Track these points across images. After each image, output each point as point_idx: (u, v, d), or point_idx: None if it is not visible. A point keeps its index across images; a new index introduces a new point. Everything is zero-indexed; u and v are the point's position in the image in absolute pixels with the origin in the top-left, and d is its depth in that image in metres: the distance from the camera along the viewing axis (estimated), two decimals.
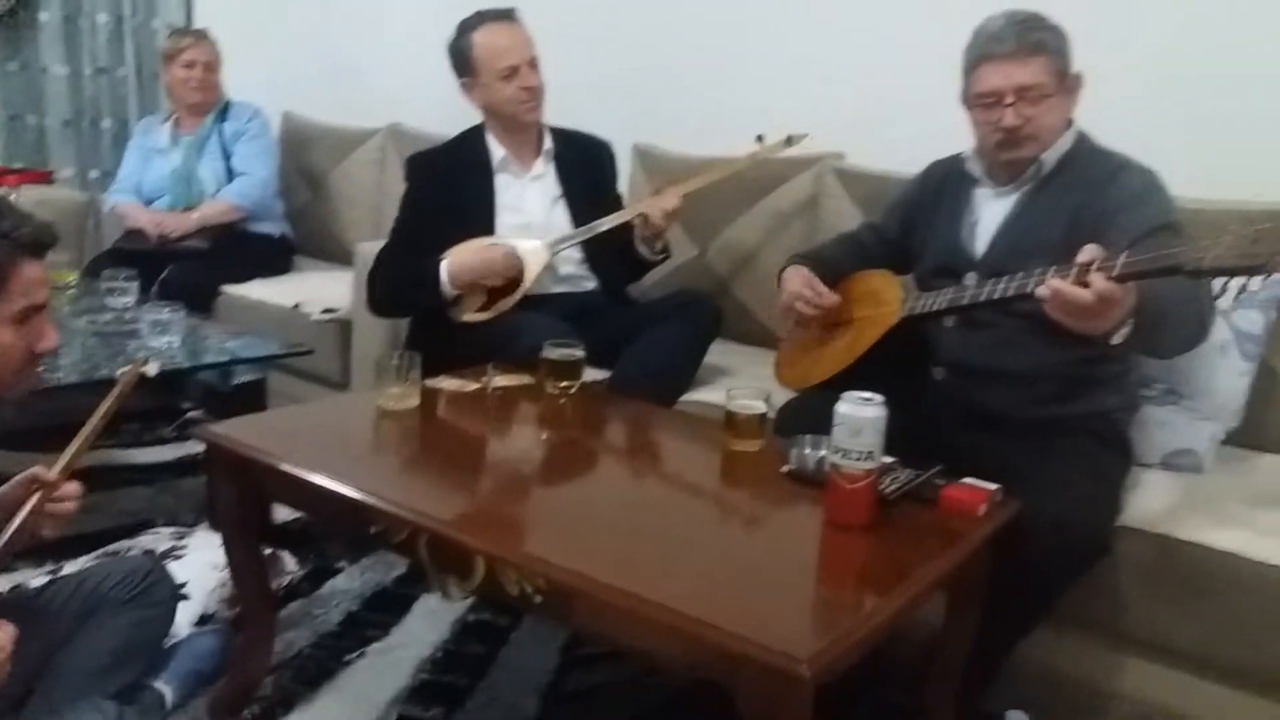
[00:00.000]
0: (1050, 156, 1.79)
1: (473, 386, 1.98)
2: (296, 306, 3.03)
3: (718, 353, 2.37)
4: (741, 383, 2.27)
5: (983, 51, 1.77)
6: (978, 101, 1.80)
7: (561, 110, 2.53)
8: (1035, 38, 1.73)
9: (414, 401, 1.84)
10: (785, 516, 1.55)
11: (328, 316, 2.94)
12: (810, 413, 1.85)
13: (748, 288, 2.69)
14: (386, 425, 1.80)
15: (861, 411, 1.37)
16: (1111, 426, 1.83)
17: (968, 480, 1.54)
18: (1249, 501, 1.77)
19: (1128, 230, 1.62)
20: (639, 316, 2.35)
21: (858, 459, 1.38)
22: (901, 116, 2.53)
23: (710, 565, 1.32)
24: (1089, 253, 1.44)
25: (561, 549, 1.32)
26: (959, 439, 1.75)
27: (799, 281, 2.02)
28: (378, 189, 3.57)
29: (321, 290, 3.11)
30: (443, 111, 2.55)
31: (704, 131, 2.85)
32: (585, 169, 2.53)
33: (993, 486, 1.52)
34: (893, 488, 1.48)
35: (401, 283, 2.37)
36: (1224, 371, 1.95)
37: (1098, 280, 1.39)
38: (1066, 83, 1.76)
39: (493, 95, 2.38)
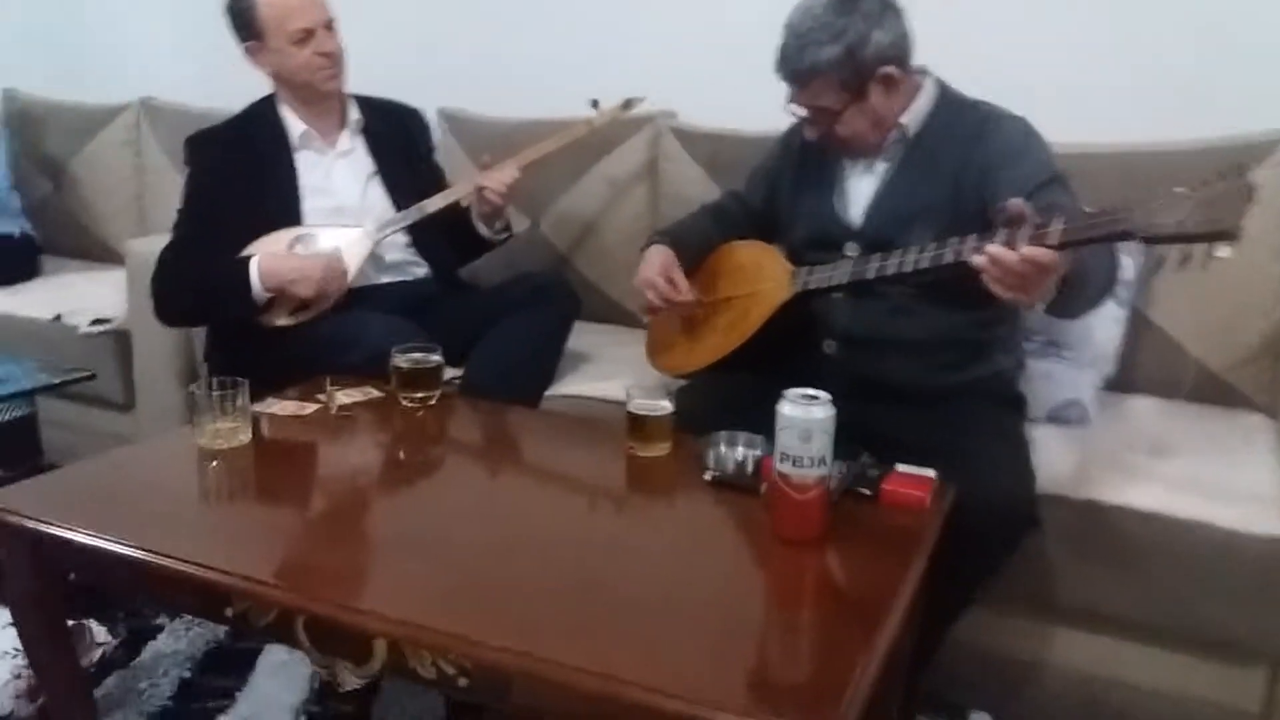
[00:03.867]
0: (912, 121, 1.67)
1: (311, 408, 1.67)
2: (58, 318, 2.55)
3: (570, 337, 2.15)
4: (604, 368, 2.10)
5: (775, 62, 1.65)
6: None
7: (352, 73, 2.19)
8: (809, 60, 1.58)
9: (245, 437, 1.52)
10: (726, 537, 1.35)
11: (99, 329, 2.49)
12: (709, 401, 1.70)
13: (592, 262, 2.48)
14: (216, 471, 1.47)
15: (811, 413, 1.20)
16: (1008, 386, 1.77)
17: (901, 468, 1.42)
18: (1147, 451, 1.74)
19: (1015, 186, 1.51)
20: (486, 305, 2.09)
21: (809, 466, 1.20)
22: (732, 73, 2.34)
23: (664, 617, 1.09)
24: (1015, 206, 1.32)
25: (482, 619, 1.07)
26: (859, 414, 1.61)
27: (656, 267, 1.81)
28: (136, 175, 3.09)
29: (86, 297, 2.63)
30: (205, 83, 2.16)
31: (517, 94, 2.60)
32: (397, 140, 2.23)
33: (930, 473, 1.40)
34: (834, 484, 1.32)
35: (200, 287, 1.99)
36: (1101, 319, 1.92)
37: (1036, 252, 1.28)
38: (871, 85, 1.61)
39: (285, 61, 2.03)
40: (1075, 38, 2.15)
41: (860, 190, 1.74)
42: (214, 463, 1.47)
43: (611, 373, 2.03)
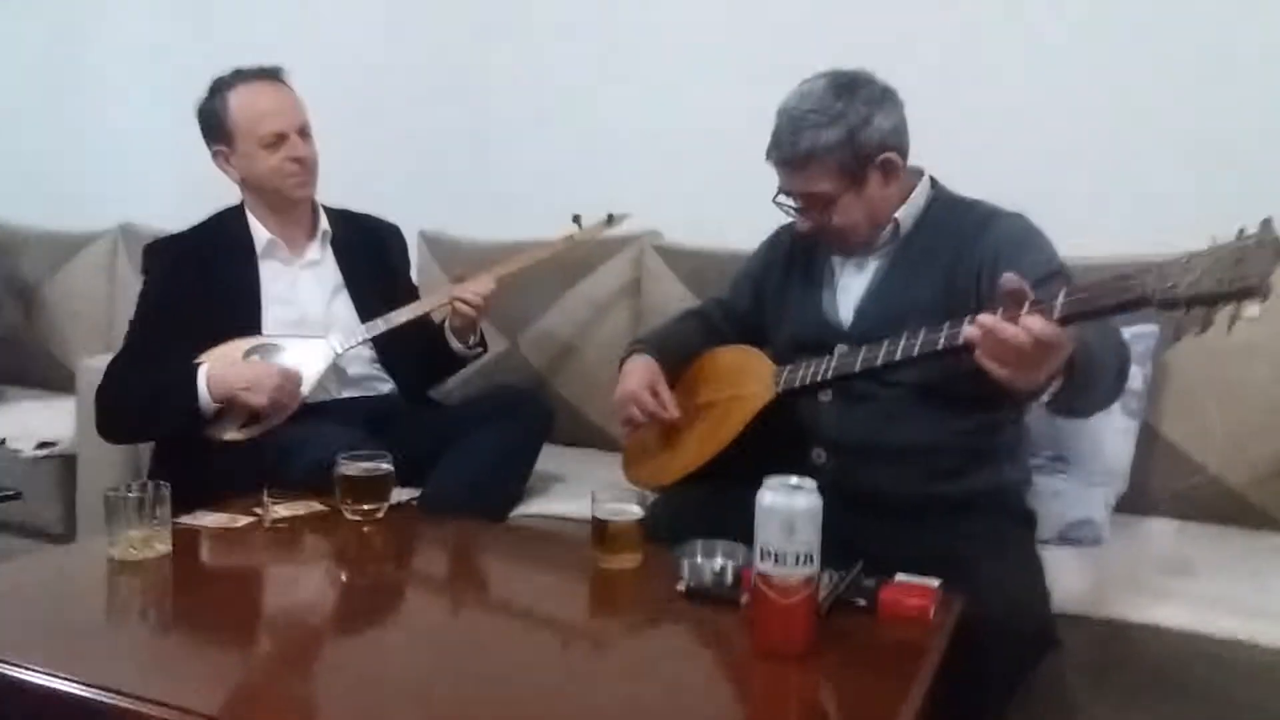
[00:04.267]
0: (906, 216, 1.59)
1: (243, 521, 1.52)
2: (3, 442, 2.40)
3: (542, 458, 2.00)
4: (577, 488, 1.94)
5: (767, 150, 1.58)
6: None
7: (331, 195, 2.14)
8: (806, 144, 1.51)
9: (163, 547, 1.35)
10: (702, 657, 1.18)
11: (44, 452, 2.34)
12: (685, 512, 1.55)
13: (571, 383, 2.37)
14: (126, 585, 1.30)
15: (794, 501, 1.05)
16: (1015, 500, 1.62)
17: (902, 577, 1.25)
18: (1170, 571, 1.59)
19: None
20: (452, 420, 1.96)
21: (795, 564, 1.05)
22: (715, 191, 2.35)
23: None
24: (1012, 282, 1.21)
25: None
26: (851, 529, 1.46)
27: (639, 380, 1.70)
28: (108, 300, 3.01)
29: (36, 422, 2.50)
30: (186, 208, 2.10)
31: (500, 216, 2.56)
32: (370, 254, 2.14)
33: (934, 582, 1.24)
34: (823, 594, 1.16)
35: (144, 397, 1.86)
36: (1110, 431, 1.81)
37: (1035, 322, 1.16)
38: (869, 172, 1.53)
39: (254, 166, 1.97)
40: (1065, 143, 2.11)
41: (851, 290, 1.64)
42: (123, 576, 1.30)
43: (585, 493, 1.88)
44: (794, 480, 1.08)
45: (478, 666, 1.10)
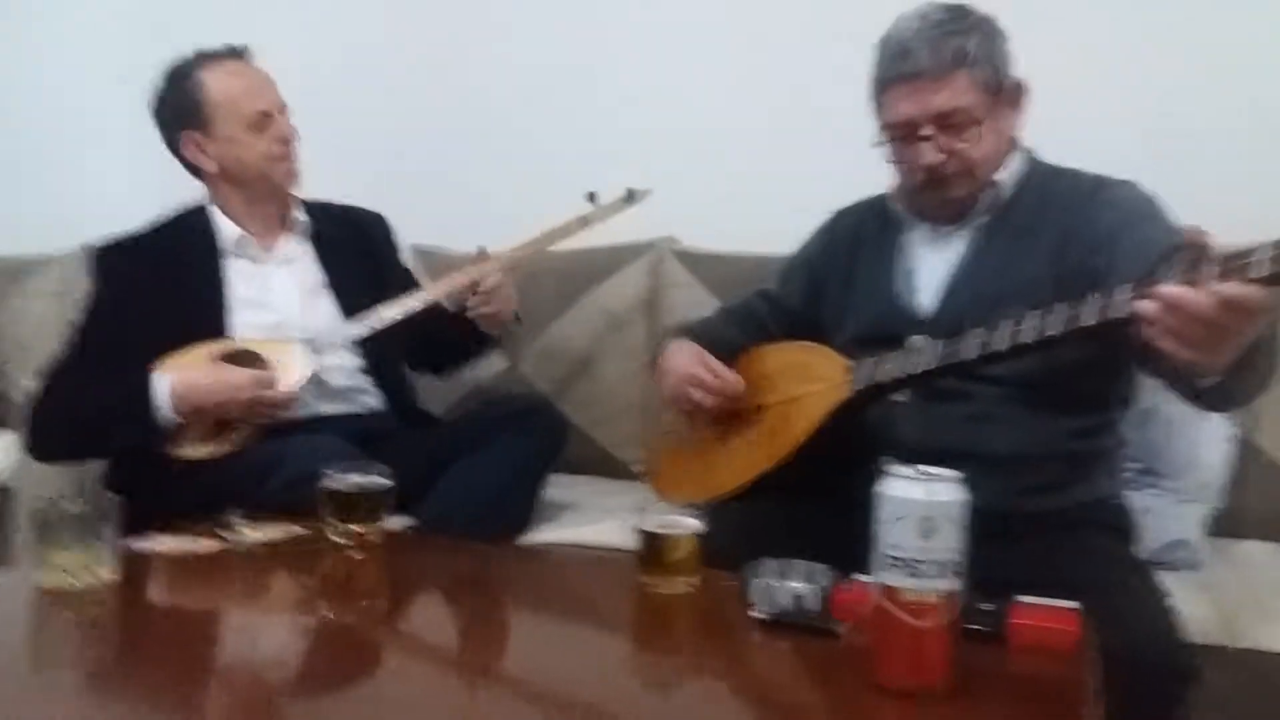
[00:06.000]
0: (1007, 180, 1.39)
1: (207, 546, 1.25)
2: None
3: (548, 486, 1.74)
4: (594, 516, 1.71)
5: (890, 70, 1.36)
6: (889, 134, 1.38)
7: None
8: (954, 46, 1.32)
9: (106, 575, 1.09)
10: (800, 694, 0.93)
11: None
12: (735, 534, 1.29)
13: (581, 407, 2.11)
14: (57, 620, 1.04)
15: (934, 493, 0.82)
16: (1120, 515, 1.41)
17: (1027, 599, 1.01)
18: None
19: (1139, 253, 1.21)
20: (452, 438, 1.71)
21: (933, 576, 0.81)
22: (736, 194, 2.16)
23: None
24: (1195, 235, 0.99)
25: None
26: None
27: (689, 360, 1.48)
28: (65, 328, 2.73)
29: None
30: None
31: (500, 227, 2.33)
32: (353, 246, 1.90)
33: (1071, 604, 1.00)
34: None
35: (89, 409, 1.60)
36: (1205, 440, 1.60)
37: (1232, 285, 0.94)
38: (1003, 96, 1.37)
39: (239, 153, 1.75)
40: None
41: (932, 271, 1.42)
42: (57, 609, 1.04)
43: (602, 521, 1.66)
44: (931, 469, 0.84)
45: None
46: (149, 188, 1.89)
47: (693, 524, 1.12)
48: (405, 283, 1.90)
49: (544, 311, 2.16)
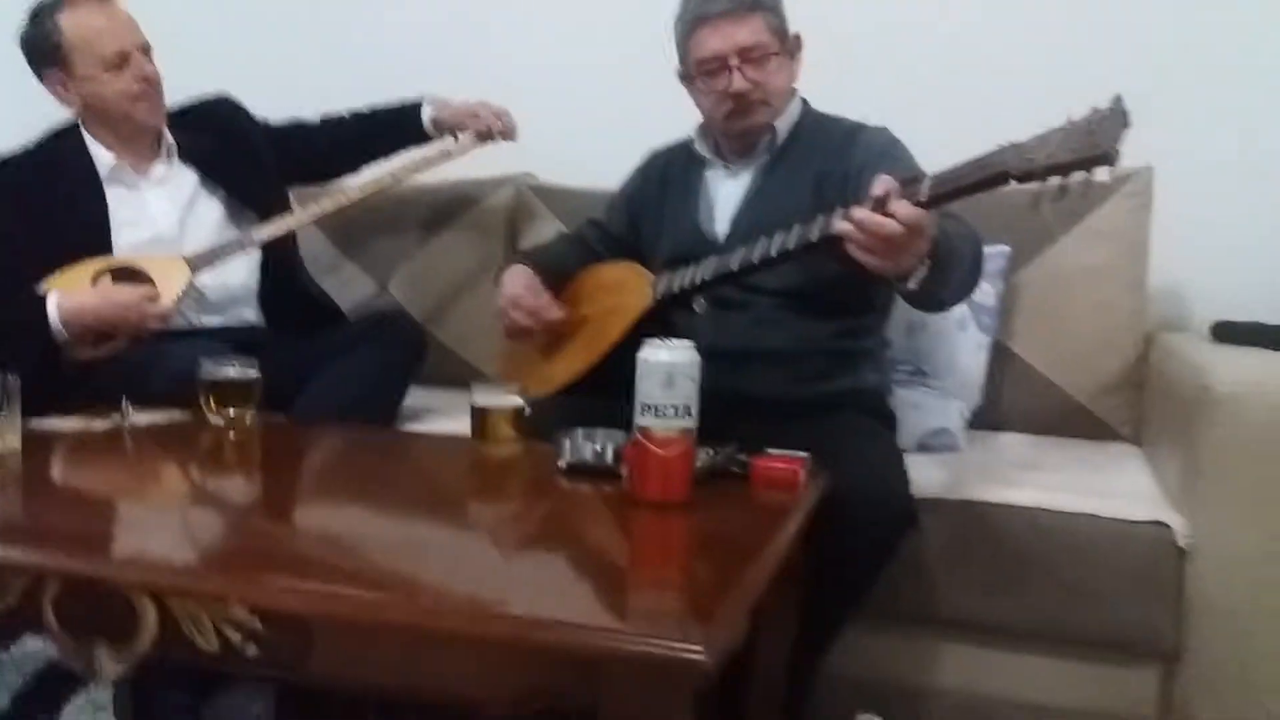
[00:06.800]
0: (783, 126, 1.66)
1: (101, 425, 1.45)
2: None
3: (416, 397, 1.97)
4: (457, 417, 1.92)
5: (696, 13, 1.62)
6: (700, 69, 1.63)
7: None
8: None
9: (13, 443, 1.28)
10: (584, 507, 1.20)
11: None
12: (559, 419, 1.55)
13: (447, 325, 2.33)
14: None
15: (674, 355, 1.08)
16: (877, 402, 1.69)
17: (773, 451, 1.29)
18: (1020, 468, 1.69)
19: None
20: (319, 347, 1.89)
21: (673, 416, 1.07)
22: (587, 131, 2.35)
23: (515, 569, 0.94)
24: (884, 184, 1.27)
25: (273, 567, 0.88)
26: (725, 429, 1.50)
27: (521, 284, 1.72)
28: None
29: None
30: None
31: None
32: (218, 140, 2.02)
33: (802, 455, 1.28)
34: (701, 463, 1.19)
35: None
36: (964, 346, 1.90)
37: (903, 207, 1.22)
38: (788, 44, 1.64)
39: (98, 90, 1.87)
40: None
41: (725, 202, 1.69)
42: None
43: (464, 420, 1.87)
44: (672, 340, 1.10)
45: (377, 527, 1.09)
46: (22, 115, 1.98)
47: (515, 400, 1.36)
48: (275, 141, 2.08)
49: (413, 238, 2.36)
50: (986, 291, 1.88)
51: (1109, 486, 1.56)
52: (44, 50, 1.87)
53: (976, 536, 1.51)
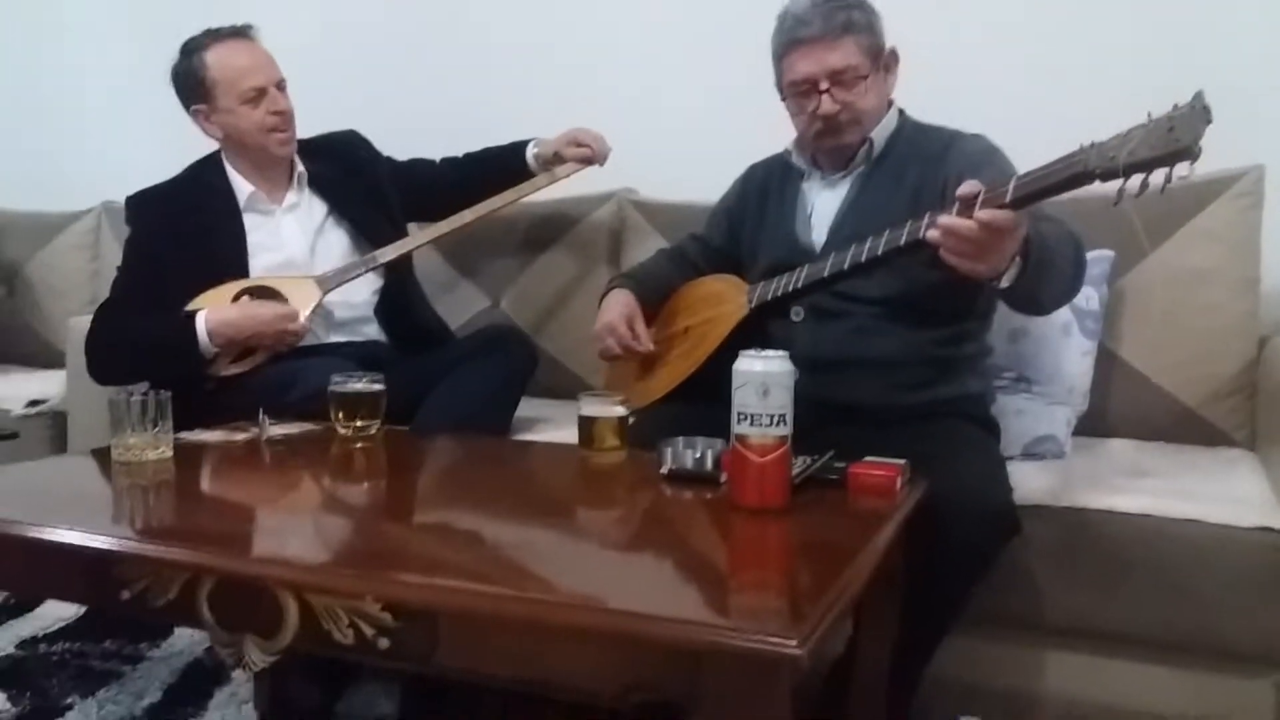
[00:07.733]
0: (879, 136, 1.69)
1: (242, 437, 1.57)
2: None
3: (527, 408, 2.07)
4: (566, 427, 2.00)
5: (789, 37, 1.66)
6: (791, 90, 1.68)
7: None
8: (842, 18, 1.62)
9: (166, 451, 1.41)
10: (686, 512, 1.26)
11: (34, 410, 2.38)
12: (663, 427, 1.61)
13: (555, 338, 2.42)
14: (130, 475, 1.36)
15: (769, 365, 1.12)
16: (979, 409, 1.70)
17: (871, 459, 1.32)
18: (1127, 474, 1.67)
19: None
20: (437, 362, 2.00)
21: (769, 425, 1.12)
22: (683, 151, 2.43)
23: (622, 568, 1.01)
24: (969, 187, 1.30)
25: (413, 574, 0.96)
26: (825, 438, 1.54)
27: (617, 313, 1.80)
28: (92, 276, 3.05)
29: (23, 384, 2.53)
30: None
31: None
32: (345, 171, 2.17)
33: (900, 462, 1.31)
34: (798, 470, 1.23)
35: (139, 344, 1.92)
36: (1069, 353, 1.88)
37: (986, 212, 1.25)
38: (882, 61, 1.67)
39: (237, 123, 2.03)
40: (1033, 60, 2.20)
41: (823, 211, 1.72)
42: (128, 472, 1.36)
43: (572, 429, 1.95)
44: (767, 351, 1.15)
45: (495, 527, 1.18)
46: (165, 152, 2.16)
47: (619, 409, 1.43)
48: (397, 177, 2.22)
49: (522, 256, 2.47)
50: (1090, 296, 1.87)
51: (1219, 492, 1.54)
52: (190, 85, 2.04)
53: (1082, 543, 1.51)
